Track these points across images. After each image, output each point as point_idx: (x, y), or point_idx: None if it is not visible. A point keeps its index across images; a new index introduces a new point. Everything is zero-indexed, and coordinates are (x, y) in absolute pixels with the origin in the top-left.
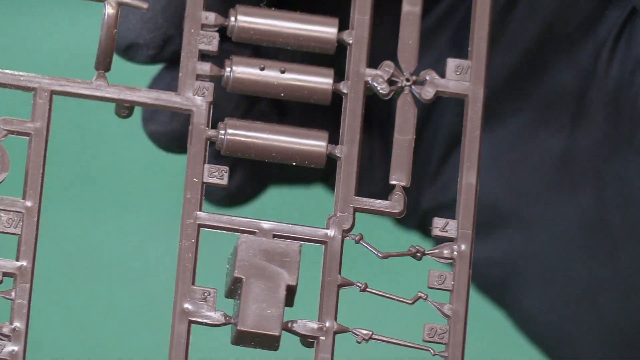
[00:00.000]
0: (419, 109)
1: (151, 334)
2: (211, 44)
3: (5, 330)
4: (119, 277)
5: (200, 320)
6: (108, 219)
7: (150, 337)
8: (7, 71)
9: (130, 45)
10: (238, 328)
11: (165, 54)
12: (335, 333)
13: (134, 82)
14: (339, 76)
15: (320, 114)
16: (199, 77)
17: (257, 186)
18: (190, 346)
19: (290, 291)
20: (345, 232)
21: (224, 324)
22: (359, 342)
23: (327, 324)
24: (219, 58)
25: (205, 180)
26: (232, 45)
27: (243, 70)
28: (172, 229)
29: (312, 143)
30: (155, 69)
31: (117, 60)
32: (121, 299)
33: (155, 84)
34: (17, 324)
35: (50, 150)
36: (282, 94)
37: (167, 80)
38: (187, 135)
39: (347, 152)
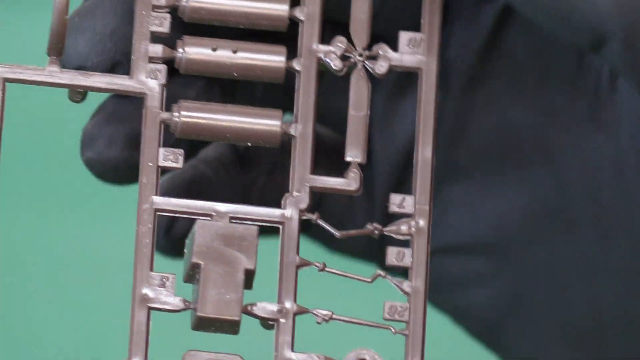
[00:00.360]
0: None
1: (112, 323)
2: (162, 25)
3: None
4: (80, 270)
5: (159, 306)
6: (64, 210)
7: (110, 326)
8: None
9: (78, 69)
10: (198, 314)
11: None
12: (295, 314)
13: None
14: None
15: None
16: (151, 59)
17: None
18: (150, 332)
19: (249, 275)
20: (302, 212)
21: (184, 310)
22: (319, 323)
23: (287, 306)
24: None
25: (160, 164)
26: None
27: (196, 51)
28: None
29: (266, 122)
30: None
31: None
32: (83, 290)
33: (99, 111)
34: None
35: (6, 140)
36: (235, 74)
37: (110, 109)
38: (124, 166)
39: (302, 130)
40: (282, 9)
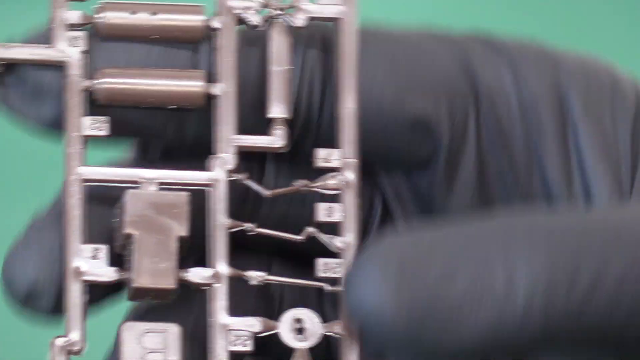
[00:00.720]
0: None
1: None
2: None
3: None
4: None
5: (93, 278)
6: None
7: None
8: None
9: (27, 296)
10: (133, 285)
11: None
12: (229, 278)
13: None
14: None
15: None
16: (70, 27)
17: None
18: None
19: (183, 242)
20: (230, 173)
21: (119, 281)
22: (254, 285)
23: (220, 270)
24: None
25: (85, 133)
26: None
27: (115, 16)
28: None
29: (189, 83)
30: None
31: None
32: None
33: None
34: None
35: None
36: (154, 36)
37: None
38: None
39: (224, 89)
40: None
